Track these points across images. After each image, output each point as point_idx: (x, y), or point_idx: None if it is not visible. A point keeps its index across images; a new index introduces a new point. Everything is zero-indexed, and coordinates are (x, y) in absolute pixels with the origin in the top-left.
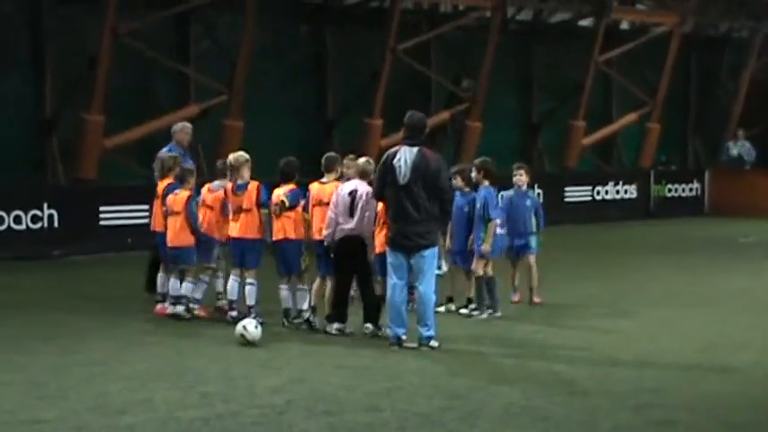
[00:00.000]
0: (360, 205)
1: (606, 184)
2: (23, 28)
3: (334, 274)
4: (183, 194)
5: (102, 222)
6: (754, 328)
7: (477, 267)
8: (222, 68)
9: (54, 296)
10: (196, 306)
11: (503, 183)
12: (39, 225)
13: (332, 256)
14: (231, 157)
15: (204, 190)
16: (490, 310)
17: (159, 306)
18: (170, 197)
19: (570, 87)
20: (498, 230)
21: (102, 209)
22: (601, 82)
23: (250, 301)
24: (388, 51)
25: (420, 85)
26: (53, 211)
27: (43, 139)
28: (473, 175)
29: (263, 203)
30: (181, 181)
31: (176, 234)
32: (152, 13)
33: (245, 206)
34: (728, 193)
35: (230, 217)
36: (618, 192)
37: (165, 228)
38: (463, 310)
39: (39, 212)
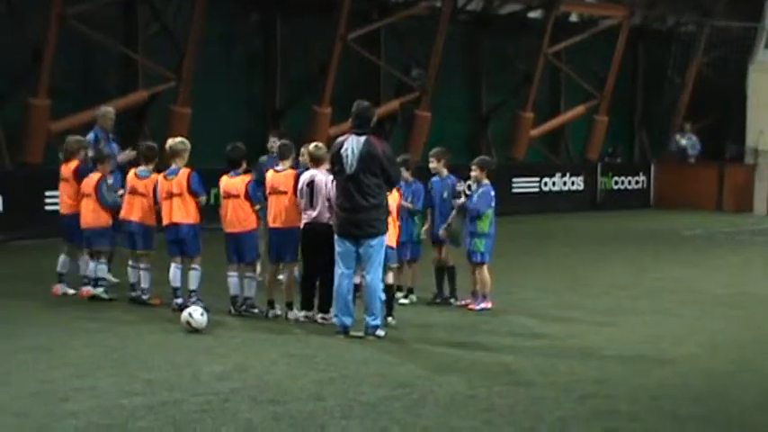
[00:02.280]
0: (320, 196)
1: (553, 175)
2: None
3: (302, 261)
4: (94, 177)
5: (47, 207)
6: (697, 320)
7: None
8: (171, 55)
9: (0, 282)
10: (147, 294)
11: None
12: None
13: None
14: (170, 141)
15: (130, 176)
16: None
17: (58, 286)
18: (85, 180)
19: (519, 79)
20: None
21: (47, 193)
22: (549, 74)
23: (192, 285)
24: (338, 40)
25: (370, 74)
26: None
27: None
28: (431, 165)
29: (194, 191)
30: (95, 163)
31: (89, 215)
32: None
33: (175, 191)
34: (673, 185)
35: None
36: (565, 183)
37: (77, 210)
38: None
39: None
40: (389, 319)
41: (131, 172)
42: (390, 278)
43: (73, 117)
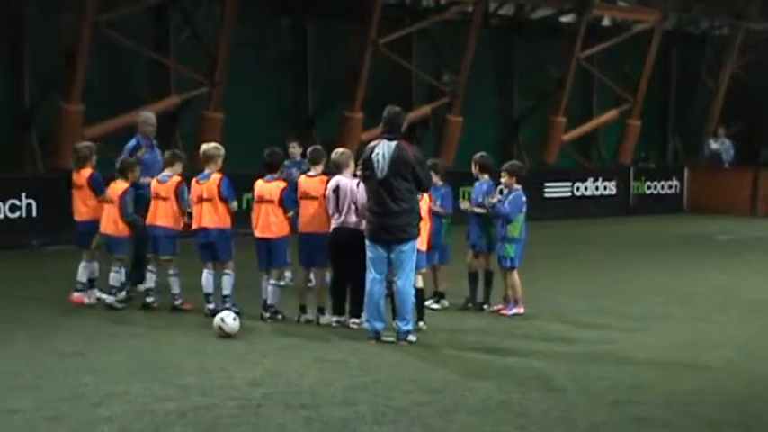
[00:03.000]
0: (346, 201)
1: (586, 180)
2: (1, 19)
3: (332, 266)
4: (120, 185)
5: None
6: (732, 326)
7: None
8: (202, 60)
9: (31, 286)
10: (179, 300)
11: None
12: (17, 215)
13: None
14: (203, 146)
15: (153, 182)
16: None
17: (76, 294)
18: (111, 186)
19: (551, 83)
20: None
21: None
22: (581, 78)
23: (226, 290)
24: (370, 45)
25: (401, 79)
26: (31, 201)
27: (22, 129)
28: (472, 170)
29: (224, 197)
30: (121, 172)
31: (110, 223)
32: (131, 3)
33: (205, 196)
34: (707, 190)
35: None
36: (597, 188)
37: (91, 217)
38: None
39: (17, 202)
40: (420, 323)
41: (154, 178)
42: (420, 282)
43: (106, 122)
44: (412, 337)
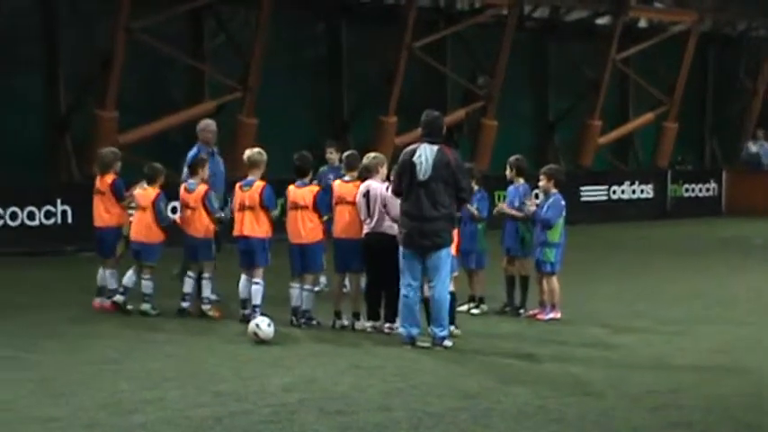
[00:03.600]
0: (376, 205)
1: (622, 183)
2: (36, 25)
3: (366, 272)
4: (151, 191)
5: None
6: None
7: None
8: (237, 65)
9: (65, 293)
10: (209, 306)
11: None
12: (52, 221)
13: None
14: (247, 152)
15: (182, 191)
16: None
17: (98, 300)
18: (138, 191)
19: (587, 86)
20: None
21: None
22: (617, 80)
23: (256, 300)
24: (404, 49)
25: (436, 82)
26: (66, 208)
27: (58, 136)
28: (507, 173)
29: (266, 206)
30: (150, 179)
31: (142, 229)
32: (165, 9)
33: (247, 203)
34: (746, 193)
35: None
36: (634, 191)
37: (111, 223)
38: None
39: (52, 208)
40: (453, 328)
41: (182, 186)
42: (452, 286)
43: (141, 129)
44: (447, 343)
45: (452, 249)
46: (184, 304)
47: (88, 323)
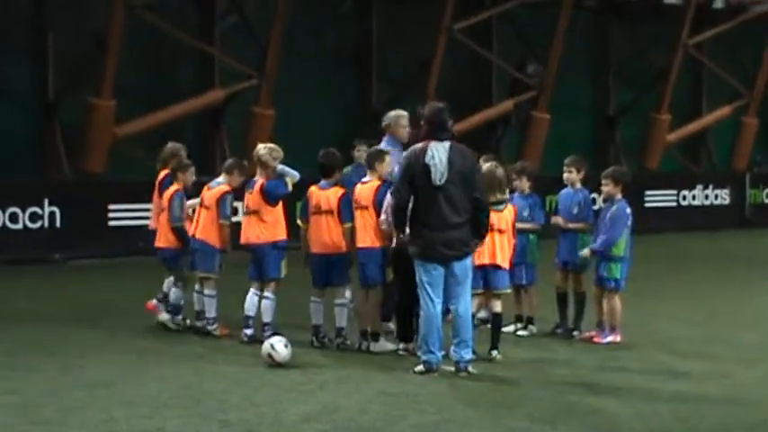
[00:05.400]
0: None
1: (694, 187)
2: (24, 1)
3: (396, 287)
4: (171, 188)
5: (111, 222)
6: None
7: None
8: (251, 49)
9: (55, 306)
10: (214, 325)
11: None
12: (38, 224)
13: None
14: (259, 148)
15: (205, 189)
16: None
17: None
18: (165, 192)
19: (653, 75)
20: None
21: (111, 207)
22: (689, 69)
23: (266, 317)
24: (443, 31)
25: (479, 69)
26: (55, 209)
27: (45, 127)
28: (565, 175)
29: (269, 201)
30: (172, 172)
31: (162, 233)
32: None
33: (252, 207)
34: None
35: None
36: (707, 197)
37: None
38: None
39: (38, 210)
40: (495, 353)
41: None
42: (499, 306)
43: (141, 119)
44: (472, 369)
45: (503, 262)
46: (198, 323)
47: (79, 341)
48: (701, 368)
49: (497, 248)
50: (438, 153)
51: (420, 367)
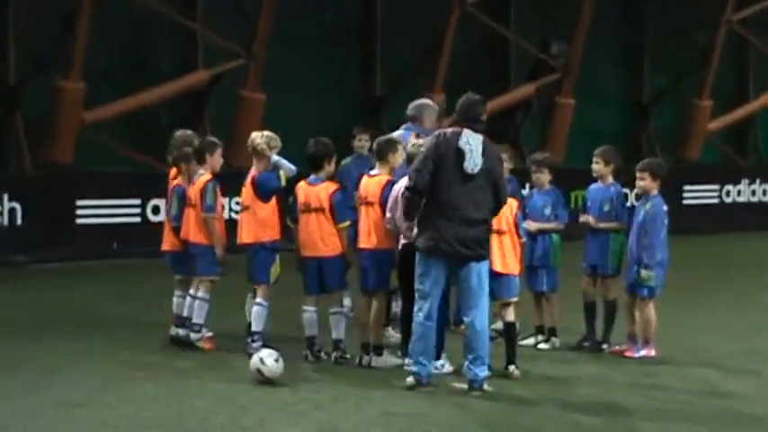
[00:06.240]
0: None
1: (739, 182)
2: None
3: (402, 294)
4: (202, 179)
5: (79, 220)
6: None
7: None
8: (238, 25)
9: (18, 315)
10: (200, 333)
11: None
12: None
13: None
14: (254, 137)
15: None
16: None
17: None
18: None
19: (693, 55)
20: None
21: (79, 203)
22: (734, 49)
23: (256, 325)
24: (456, 6)
25: (496, 50)
26: (15, 205)
27: (5, 113)
28: (594, 166)
29: (261, 196)
30: (174, 161)
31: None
32: None
33: (245, 202)
34: None
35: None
36: (754, 192)
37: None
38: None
39: None
40: (512, 368)
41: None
42: (512, 314)
43: (113, 104)
44: (487, 386)
45: (512, 267)
46: (181, 331)
47: (47, 356)
48: (747, 386)
49: (501, 253)
50: (472, 141)
51: (410, 379)
